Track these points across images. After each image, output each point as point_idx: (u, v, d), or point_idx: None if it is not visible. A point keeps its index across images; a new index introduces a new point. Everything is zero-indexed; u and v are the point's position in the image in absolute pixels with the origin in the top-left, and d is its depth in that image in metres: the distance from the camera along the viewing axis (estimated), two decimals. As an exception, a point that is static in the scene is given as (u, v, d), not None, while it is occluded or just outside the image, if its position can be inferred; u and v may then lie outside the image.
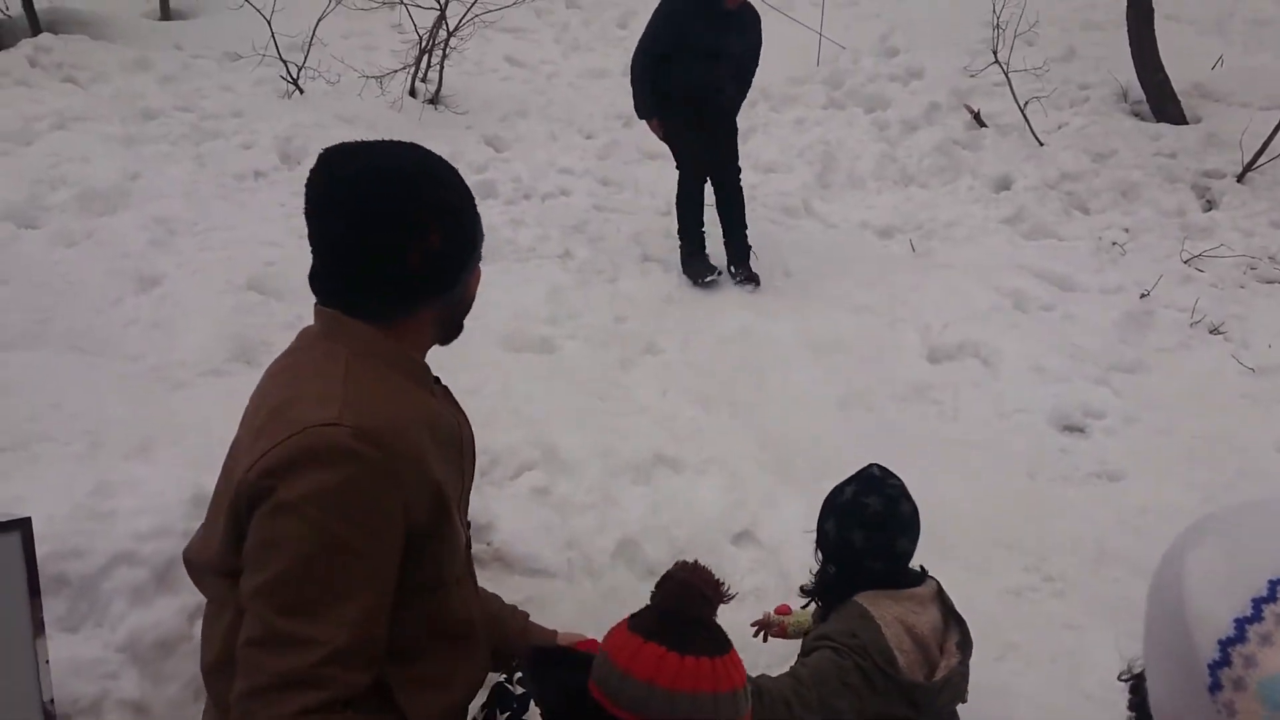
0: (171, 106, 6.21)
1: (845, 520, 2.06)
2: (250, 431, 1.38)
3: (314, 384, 1.35)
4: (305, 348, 1.45)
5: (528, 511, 3.19)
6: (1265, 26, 9.61)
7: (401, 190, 1.37)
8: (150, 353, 3.77)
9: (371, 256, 1.37)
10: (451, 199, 1.43)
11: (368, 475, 1.28)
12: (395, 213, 1.36)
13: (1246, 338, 5.00)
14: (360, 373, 1.36)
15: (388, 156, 1.41)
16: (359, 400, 1.32)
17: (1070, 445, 4.18)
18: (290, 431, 1.27)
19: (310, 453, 1.26)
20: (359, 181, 1.37)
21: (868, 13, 9.86)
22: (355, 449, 1.27)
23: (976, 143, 7.18)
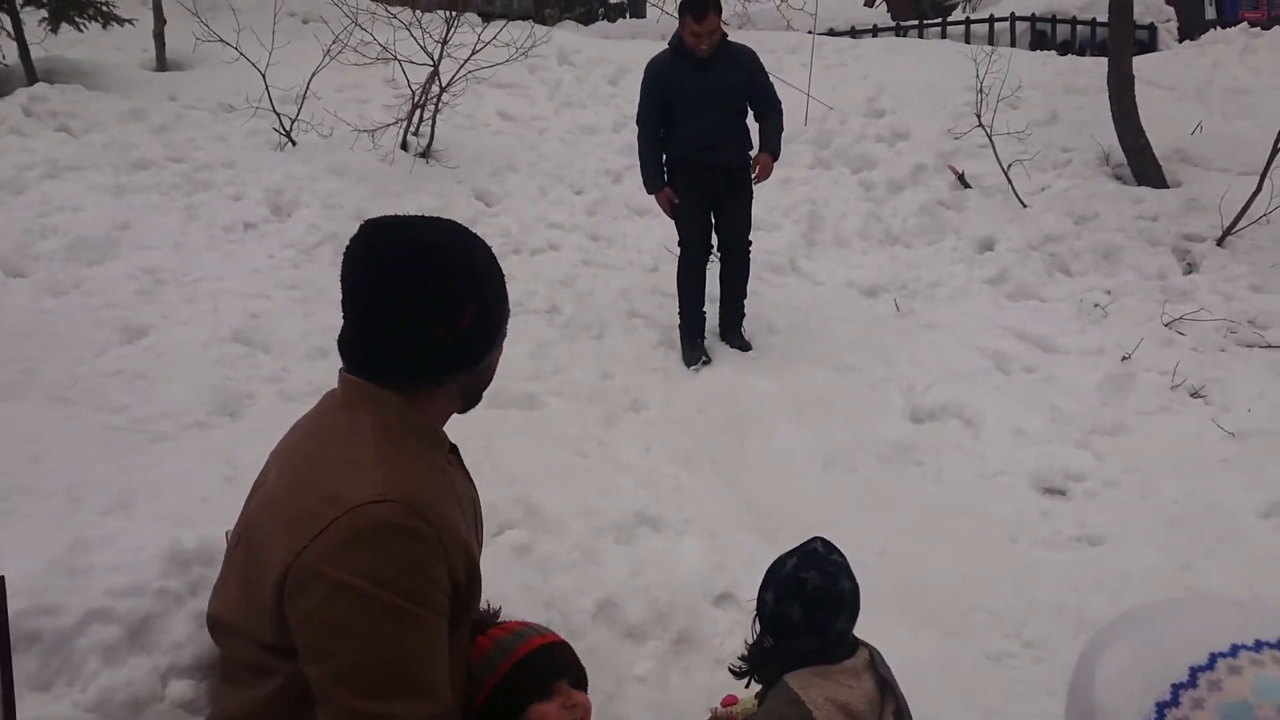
0: (164, 157, 6.25)
1: (784, 594, 2.05)
2: (281, 505, 1.37)
3: (347, 457, 1.36)
4: (329, 416, 1.46)
5: (508, 570, 3.17)
6: (1243, 94, 9.82)
7: (440, 267, 1.41)
8: (133, 404, 3.77)
9: (404, 329, 1.40)
10: (486, 279, 1.47)
11: (419, 547, 1.30)
12: (432, 289, 1.40)
13: (1226, 401, 5.04)
14: (391, 445, 1.38)
15: (429, 231, 1.46)
16: (396, 474, 1.33)
17: (1051, 508, 4.19)
18: (338, 512, 1.28)
19: (362, 533, 1.27)
20: (399, 255, 1.41)
21: (855, 74, 10.05)
22: (404, 524, 1.29)
23: (961, 204, 7.28)
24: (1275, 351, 5.50)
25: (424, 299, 1.39)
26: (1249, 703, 0.65)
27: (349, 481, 1.31)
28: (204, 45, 7.69)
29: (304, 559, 1.27)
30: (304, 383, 4.20)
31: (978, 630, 3.44)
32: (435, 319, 1.40)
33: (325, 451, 1.39)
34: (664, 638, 3.15)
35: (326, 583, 1.25)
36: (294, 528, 1.30)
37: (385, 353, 1.42)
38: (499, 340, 1.54)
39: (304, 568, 1.27)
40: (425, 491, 1.35)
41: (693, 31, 4.98)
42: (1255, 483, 4.32)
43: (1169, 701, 0.68)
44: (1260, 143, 7.24)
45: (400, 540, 1.28)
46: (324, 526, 1.27)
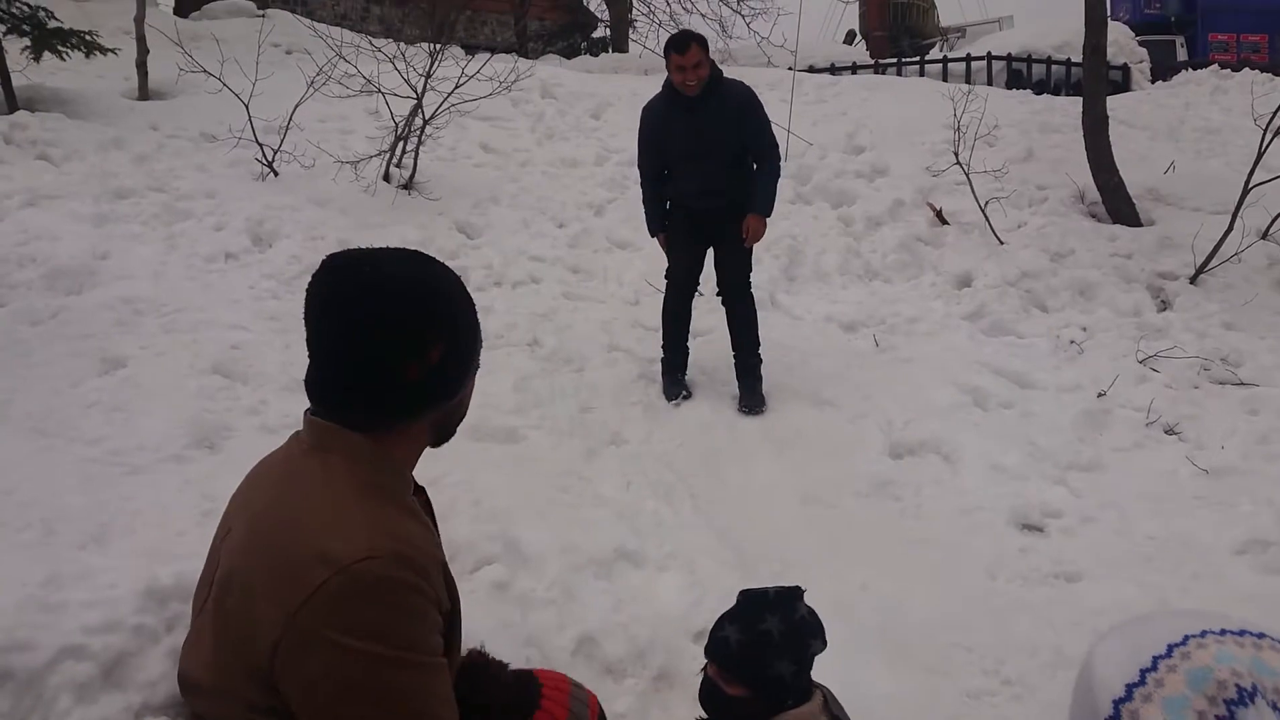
0: (144, 186, 6.24)
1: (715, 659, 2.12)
2: (262, 561, 1.32)
3: (328, 511, 1.32)
4: (300, 464, 1.41)
5: (487, 607, 3.15)
6: (1214, 134, 10.00)
7: (406, 303, 1.36)
8: (110, 436, 3.73)
9: (372, 370, 1.36)
10: (455, 313, 1.43)
11: (413, 597, 1.28)
12: (399, 327, 1.35)
13: (1201, 438, 5.09)
14: (369, 493, 1.35)
15: (393, 265, 1.40)
16: (381, 526, 1.31)
17: (1029, 545, 4.21)
18: (329, 572, 1.24)
19: (357, 592, 1.24)
20: (363, 292, 1.36)
21: (835, 111, 10.16)
22: (396, 577, 1.27)
23: (939, 240, 7.36)
24: (1248, 389, 5.57)
25: (391, 338, 1.35)
26: (1210, 667, 0.87)
27: (335, 538, 1.27)
28: (187, 75, 7.70)
29: (300, 622, 1.23)
30: (284, 415, 4.18)
31: (957, 668, 3.44)
32: (404, 358, 1.36)
33: (303, 503, 1.34)
34: (643, 675, 3.13)
35: (329, 646, 1.22)
36: (282, 589, 1.26)
37: (353, 394, 1.38)
38: (471, 373, 1.49)
39: (302, 632, 1.23)
40: (409, 540, 1.33)
41: (678, 66, 4.89)
42: (1229, 520, 4.36)
43: (1150, 668, 0.90)
44: (1231, 182, 7.37)
45: (395, 594, 1.26)
46: (315, 588, 1.23)
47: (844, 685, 3.23)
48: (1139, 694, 0.89)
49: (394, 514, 1.36)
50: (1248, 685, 0.84)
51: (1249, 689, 0.84)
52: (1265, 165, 6.96)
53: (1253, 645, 0.89)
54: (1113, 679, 0.92)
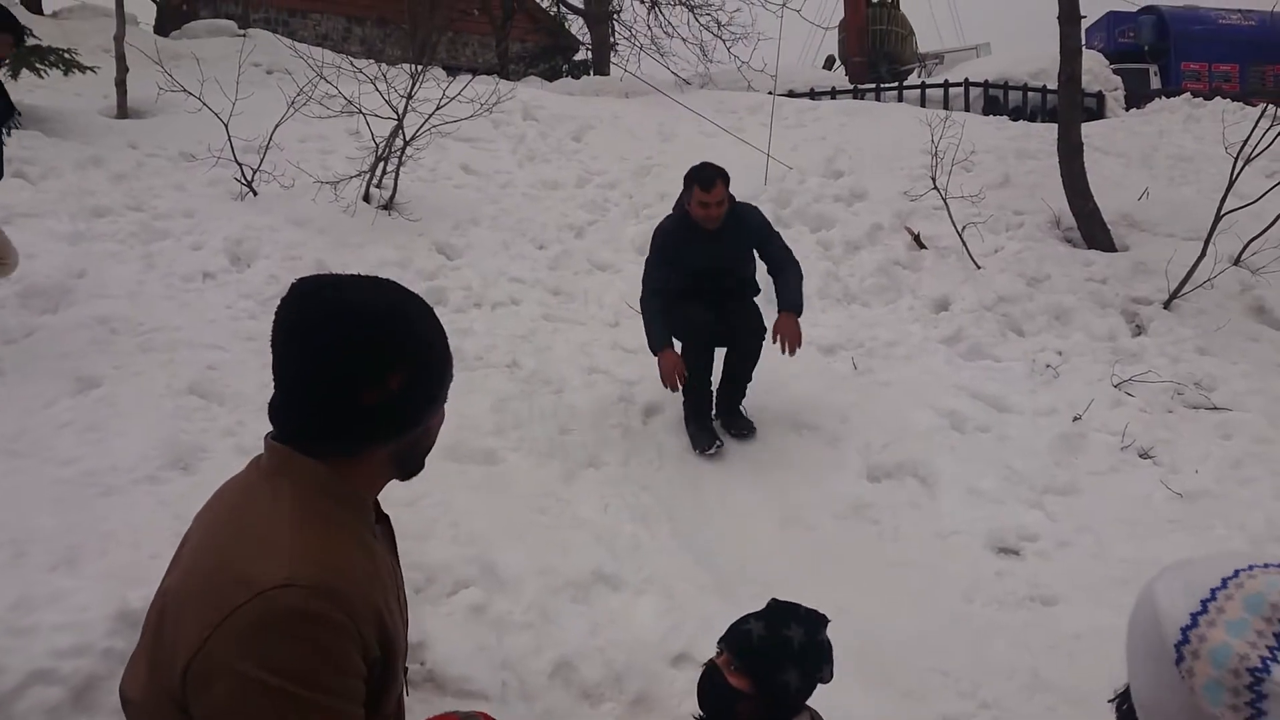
0: (122, 205, 6.22)
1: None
2: (190, 584, 1.30)
3: (261, 534, 1.29)
4: (251, 487, 1.39)
5: (463, 630, 3.14)
6: (1187, 162, 10.14)
7: (366, 330, 1.35)
8: (84, 457, 3.70)
9: (327, 394, 1.34)
10: (419, 343, 1.41)
11: (328, 634, 1.23)
12: (356, 352, 1.34)
13: (1175, 462, 5.14)
14: (308, 518, 1.31)
15: (359, 292, 1.39)
16: (309, 553, 1.27)
17: (1005, 568, 4.23)
18: (243, 598, 1.20)
19: (267, 622, 1.20)
20: (325, 317, 1.35)
21: (814, 135, 10.24)
22: (312, 610, 1.22)
23: (917, 264, 7.41)
24: (1221, 414, 5.63)
25: (347, 363, 1.33)
26: (1263, 593, 1.00)
27: (257, 563, 1.24)
28: (167, 94, 7.69)
29: (208, 648, 1.19)
30: (260, 437, 4.13)
31: (934, 691, 3.45)
32: (361, 384, 1.34)
33: (241, 526, 1.32)
34: (620, 699, 3.13)
35: (234, 677, 1.18)
36: (199, 613, 1.23)
37: (309, 419, 1.36)
38: (436, 405, 1.45)
39: (208, 659, 1.19)
40: (338, 570, 1.28)
41: (701, 201, 4.88)
42: (1203, 543, 4.39)
43: (1209, 598, 1.02)
44: (1204, 208, 7.47)
45: (308, 628, 1.21)
46: (228, 614, 1.19)
47: (822, 708, 3.23)
48: (1204, 620, 1.01)
49: (331, 541, 1.32)
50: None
51: None
52: (1237, 192, 7.05)
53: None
54: (1178, 609, 1.03)
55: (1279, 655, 0.98)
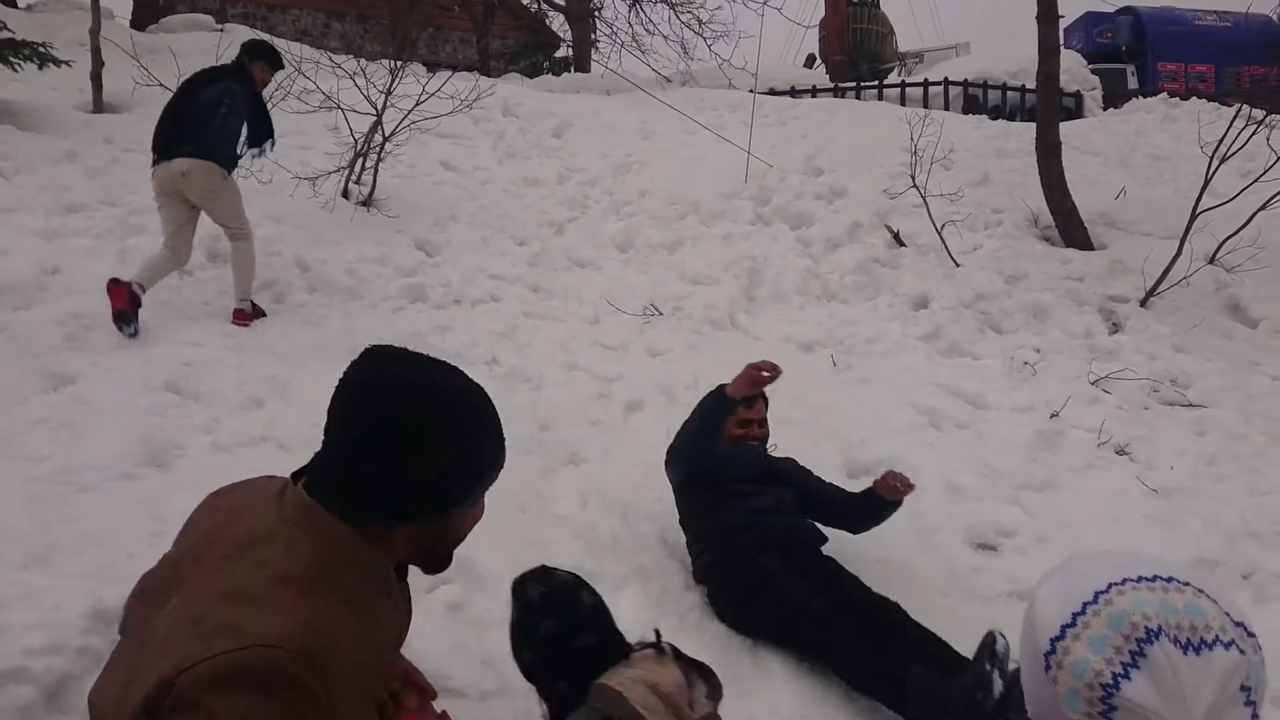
0: (97, 200, 6.16)
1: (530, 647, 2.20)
2: (187, 613, 1.29)
3: (266, 584, 1.29)
4: (273, 530, 1.37)
5: (442, 629, 3.12)
6: (1164, 161, 10.23)
7: (411, 407, 1.35)
8: (57, 454, 3.66)
9: (370, 460, 1.35)
10: (469, 431, 1.40)
11: (304, 703, 1.24)
12: (396, 427, 1.34)
13: (1151, 459, 5.18)
14: (317, 584, 1.32)
15: (425, 369, 1.41)
16: (309, 618, 1.27)
17: (983, 564, 4.25)
18: (234, 645, 1.22)
19: (248, 674, 1.21)
20: (378, 385, 1.37)
21: (794, 134, 10.27)
22: (294, 676, 1.23)
23: (896, 261, 7.44)
24: (1196, 410, 5.68)
25: (397, 434, 1.34)
26: (1126, 611, 1.09)
27: (258, 616, 1.25)
28: (143, 89, 7.62)
29: (189, 678, 1.20)
30: (236, 434, 4.13)
31: (911, 686, 3.45)
32: (405, 458, 1.34)
33: (252, 568, 1.32)
34: (599, 695, 3.12)
35: (204, 713, 1.19)
36: (190, 641, 1.24)
37: (345, 481, 1.37)
38: (470, 500, 1.44)
39: (187, 688, 1.20)
40: (334, 644, 1.29)
41: (740, 420, 4.15)
42: (1178, 539, 4.43)
43: (1079, 612, 1.12)
44: (1180, 207, 7.53)
45: (286, 694, 1.22)
46: (217, 652, 1.21)
47: (801, 702, 3.24)
48: (1070, 634, 1.12)
49: (337, 615, 1.32)
50: (1154, 625, 1.08)
51: (1155, 629, 1.08)
52: (1212, 191, 7.12)
53: (1161, 589, 1.11)
54: (1050, 621, 1.14)
55: (1130, 673, 1.07)
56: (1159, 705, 1.06)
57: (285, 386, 4.59)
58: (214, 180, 5.44)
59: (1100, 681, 1.08)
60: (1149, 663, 1.07)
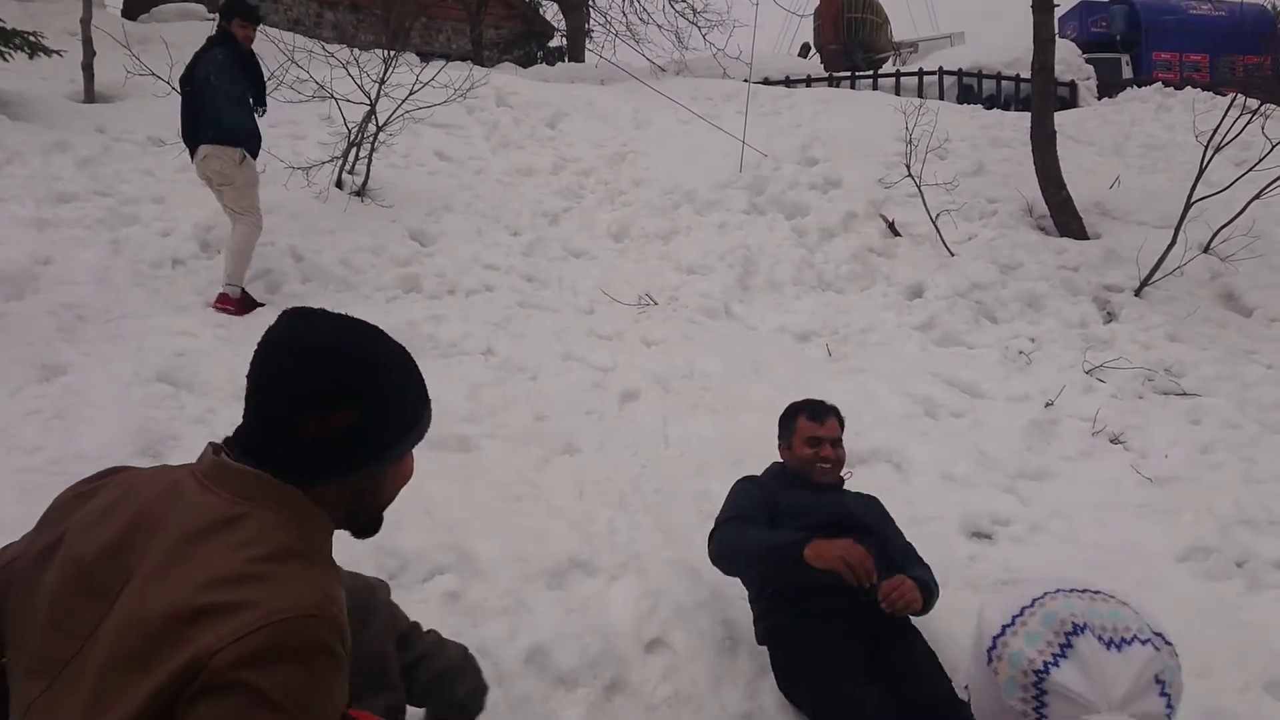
0: (89, 190, 6.13)
1: None
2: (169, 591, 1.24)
3: (269, 561, 1.28)
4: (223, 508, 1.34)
5: (438, 618, 3.11)
6: (1158, 150, 10.22)
7: (316, 365, 1.37)
8: (50, 446, 3.65)
9: (271, 421, 1.37)
10: (374, 387, 1.40)
11: (335, 672, 1.26)
12: (301, 384, 1.36)
13: (1145, 448, 5.18)
14: (313, 551, 1.34)
15: (328, 328, 1.42)
16: (329, 587, 1.30)
17: (978, 552, 4.25)
18: (265, 620, 1.20)
19: (288, 647, 1.21)
20: (284, 346, 1.39)
21: (789, 123, 10.25)
22: (330, 645, 1.24)
23: (891, 251, 7.43)
24: (1190, 399, 5.69)
25: (291, 393, 1.36)
26: (1056, 612, 1.28)
27: (275, 590, 1.24)
28: (135, 78, 7.58)
29: (223, 659, 1.17)
30: (231, 424, 4.08)
31: (907, 675, 3.46)
32: (302, 416, 1.36)
33: (235, 555, 1.28)
34: (595, 685, 3.12)
35: (246, 692, 1.17)
36: (201, 622, 1.20)
37: (259, 445, 1.38)
38: (390, 455, 1.44)
39: (220, 671, 1.17)
40: (342, 609, 1.31)
41: (809, 438, 3.51)
42: (1172, 527, 4.44)
43: (1018, 614, 1.31)
44: (1174, 197, 7.53)
45: (325, 661, 1.23)
46: (249, 630, 1.19)
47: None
48: (1009, 631, 1.30)
49: (332, 578, 1.34)
50: (1080, 623, 1.26)
51: (1081, 625, 1.26)
52: (1207, 181, 7.12)
53: (1089, 598, 1.31)
54: (994, 621, 1.33)
55: (1060, 661, 1.26)
56: (1083, 689, 1.24)
57: (279, 377, 4.58)
58: (228, 164, 5.56)
59: (1033, 669, 1.26)
60: (1075, 653, 1.25)
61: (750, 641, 3.45)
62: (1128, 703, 1.23)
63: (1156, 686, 1.26)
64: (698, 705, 3.15)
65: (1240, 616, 3.89)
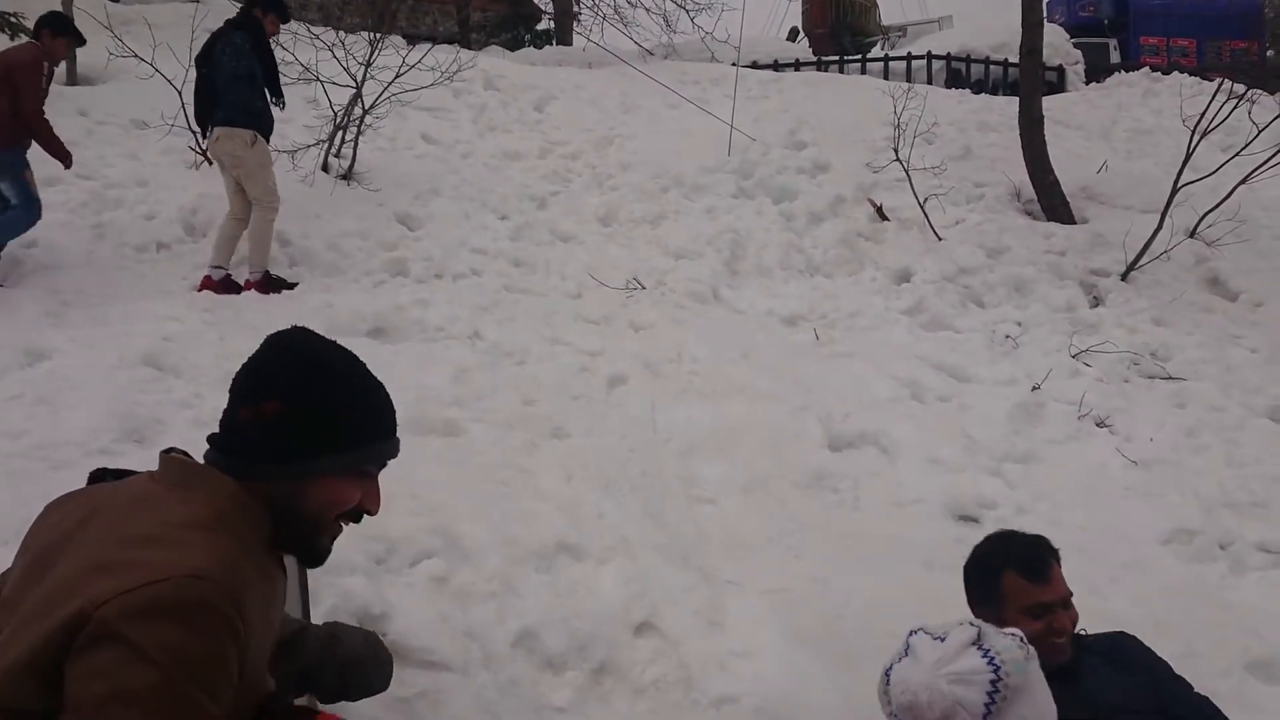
0: (72, 174, 6.07)
1: None
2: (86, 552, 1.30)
3: (174, 527, 1.32)
4: (156, 490, 1.42)
5: (425, 602, 3.12)
6: (1145, 135, 10.25)
7: (265, 354, 1.48)
8: (34, 431, 3.63)
9: (226, 408, 1.48)
10: (307, 387, 1.45)
11: (225, 637, 1.26)
12: (247, 370, 1.47)
13: (1130, 431, 5.21)
14: (220, 526, 1.36)
15: (302, 337, 1.52)
16: (220, 554, 1.30)
17: (964, 535, 4.25)
18: (156, 576, 1.22)
19: (172, 605, 1.22)
20: (262, 345, 1.52)
21: (777, 108, 10.23)
22: (220, 608, 1.25)
23: (879, 235, 7.44)
24: (1175, 383, 5.72)
25: (239, 379, 1.47)
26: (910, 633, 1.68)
27: (173, 553, 1.26)
28: (117, 60, 7.51)
29: (109, 610, 1.19)
30: (217, 409, 4.06)
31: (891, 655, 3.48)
32: (241, 398, 1.46)
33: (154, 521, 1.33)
34: (584, 667, 3.12)
35: (124, 646, 1.18)
36: (100, 578, 1.23)
37: (219, 433, 1.49)
38: (311, 465, 1.44)
39: (105, 622, 1.19)
40: (245, 581, 1.32)
41: (1032, 606, 2.31)
42: (1157, 510, 4.47)
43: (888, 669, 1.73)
44: (1161, 182, 7.56)
45: (210, 623, 1.24)
46: (136, 585, 1.20)
47: (783, 673, 3.26)
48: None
49: (241, 555, 1.35)
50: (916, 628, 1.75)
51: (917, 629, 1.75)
52: (1193, 166, 7.14)
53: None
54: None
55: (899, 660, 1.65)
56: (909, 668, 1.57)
57: (266, 361, 4.56)
58: (239, 146, 5.61)
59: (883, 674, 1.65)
60: (910, 649, 1.60)
61: (738, 625, 3.47)
62: (942, 665, 1.50)
63: (978, 651, 1.50)
64: (686, 688, 3.17)
65: (1224, 598, 3.93)
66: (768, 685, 3.19)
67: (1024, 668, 1.56)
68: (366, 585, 3.00)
